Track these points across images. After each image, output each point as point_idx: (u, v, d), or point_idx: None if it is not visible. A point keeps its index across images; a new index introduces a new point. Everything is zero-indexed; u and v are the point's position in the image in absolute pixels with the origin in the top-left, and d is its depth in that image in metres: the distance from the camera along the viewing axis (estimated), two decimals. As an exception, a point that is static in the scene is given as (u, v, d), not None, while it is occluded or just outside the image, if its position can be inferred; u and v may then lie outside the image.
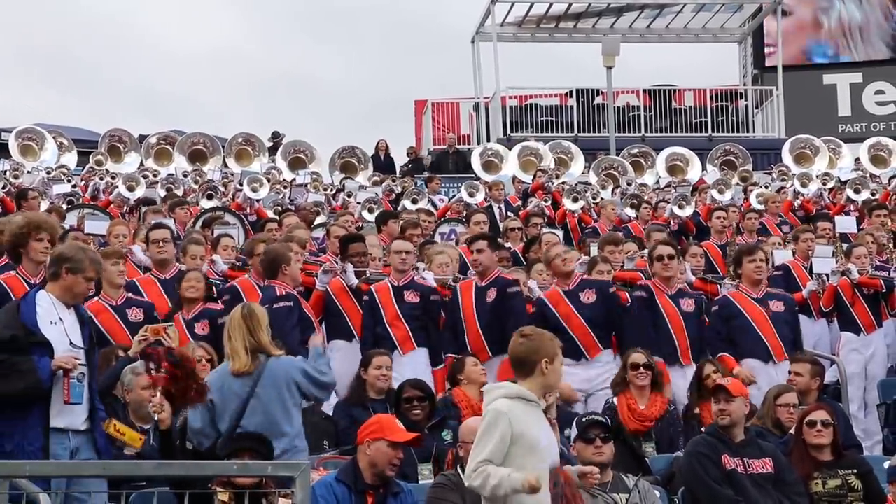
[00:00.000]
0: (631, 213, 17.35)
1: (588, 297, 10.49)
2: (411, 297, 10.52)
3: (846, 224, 14.79)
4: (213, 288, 10.61)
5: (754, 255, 10.78)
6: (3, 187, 17.57)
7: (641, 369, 9.36)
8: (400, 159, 26.58)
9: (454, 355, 10.15)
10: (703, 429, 8.89)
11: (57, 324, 7.04)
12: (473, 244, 10.86)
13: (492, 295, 10.43)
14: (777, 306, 10.58)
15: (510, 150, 23.61)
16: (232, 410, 7.39)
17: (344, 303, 10.88)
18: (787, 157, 23.16)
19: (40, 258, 9.08)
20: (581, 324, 10.34)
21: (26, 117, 26.53)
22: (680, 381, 10.11)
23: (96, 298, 9.67)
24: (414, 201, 18.23)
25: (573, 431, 7.94)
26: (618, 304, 10.61)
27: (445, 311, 10.69)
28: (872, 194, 18.56)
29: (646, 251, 12.95)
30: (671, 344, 10.27)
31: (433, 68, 55.09)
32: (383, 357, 9.40)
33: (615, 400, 9.34)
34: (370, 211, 17.34)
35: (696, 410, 9.43)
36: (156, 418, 6.81)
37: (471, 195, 18.57)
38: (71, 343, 7.06)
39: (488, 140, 27.61)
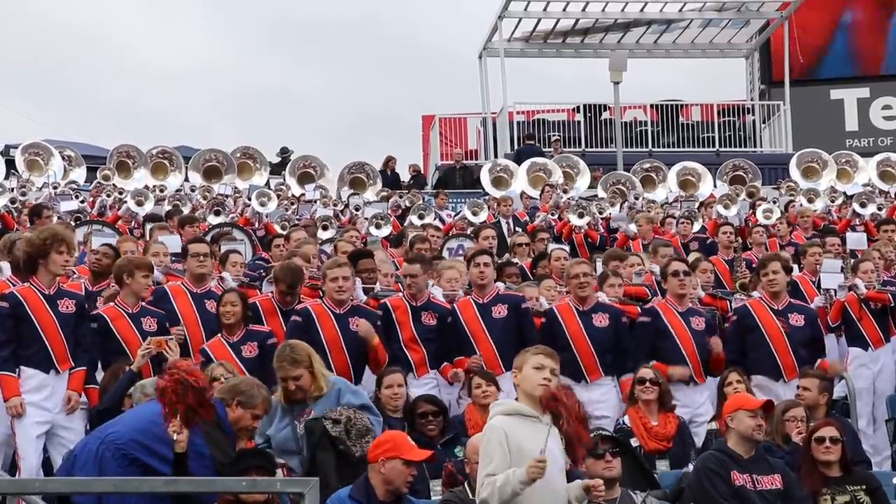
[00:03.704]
0: (636, 228, 17.31)
1: (600, 320, 10.42)
2: (428, 318, 10.42)
3: (857, 240, 14.75)
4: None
5: (766, 266, 10.83)
6: (12, 202, 17.63)
7: (648, 384, 9.32)
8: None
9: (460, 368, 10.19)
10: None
11: None
12: (479, 258, 10.78)
13: (501, 311, 10.40)
14: (797, 320, 10.60)
15: (518, 164, 23.59)
16: None
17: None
18: (794, 172, 23.15)
19: (59, 271, 9.25)
20: (587, 345, 10.30)
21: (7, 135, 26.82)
22: (696, 396, 10.16)
23: (112, 304, 9.75)
24: (421, 216, 18.24)
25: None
26: (627, 330, 10.58)
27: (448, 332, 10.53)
28: (879, 209, 18.54)
29: (655, 266, 13.01)
30: (683, 363, 10.22)
31: (432, 85, 55.34)
32: (395, 375, 9.35)
33: (626, 419, 9.30)
34: (377, 227, 17.36)
35: (717, 425, 9.39)
36: (174, 438, 6.78)
37: (475, 214, 18.55)
38: None
39: (496, 155, 27.66)
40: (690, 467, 8.77)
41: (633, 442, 9.01)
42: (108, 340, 9.49)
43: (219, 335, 9.76)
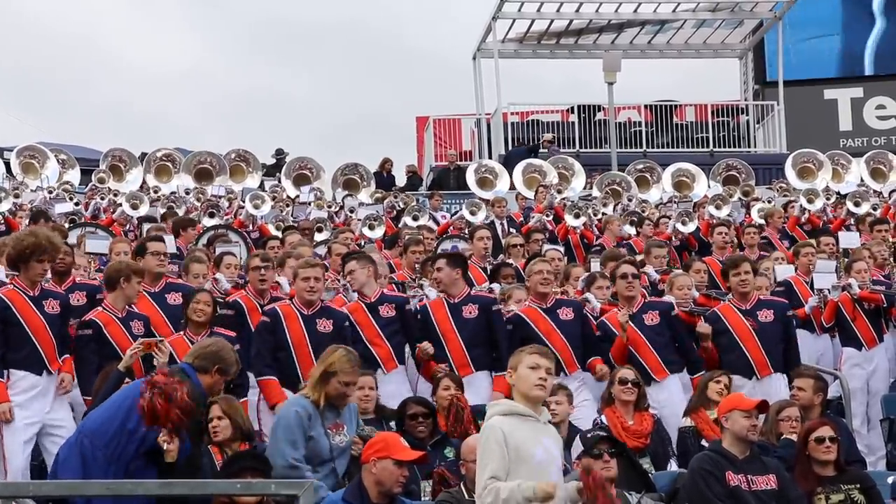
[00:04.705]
0: (631, 229, 17.33)
1: (566, 314, 10.51)
2: (386, 311, 10.36)
3: (850, 239, 14.78)
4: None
5: (738, 268, 10.86)
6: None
7: (629, 384, 9.33)
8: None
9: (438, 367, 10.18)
10: (703, 442, 8.94)
11: None
12: (434, 263, 10.84)
13: (472, 311, 10.40)
14: (766, 316, 10.64)
15: (513, 166, 23.58)
16: None
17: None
18: (789, 172, 23.17)
19: (37, 279, 9.26)
20: (560, 340, 10.33)
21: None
22: (655, 395, 10.09)
23: (101, 309, 9.72)
24: (415, 218, 18.24)
25: (576, 448, 7.93)
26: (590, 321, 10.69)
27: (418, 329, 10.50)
28: (874, 208, 18.55)
29: (647, 268, 13.03)
30: (639, 365, 10.17)
31: (426, 86, 55.42)
32: (366, 377, 9.10)
33: (604, 418, 9.28)
34: (371, 228, 17.36)
35: (690, 421, 9.41)
36: (164, 448, 6.77)
37: (472, 214, 18.55)
38: None
39: (490, 156, 27.67)
40: (673, 465, 8.82)
41: None
42: (102, 346, 9.47)
43: (181, 333, 9.75)
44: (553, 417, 8.42)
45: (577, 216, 17.59)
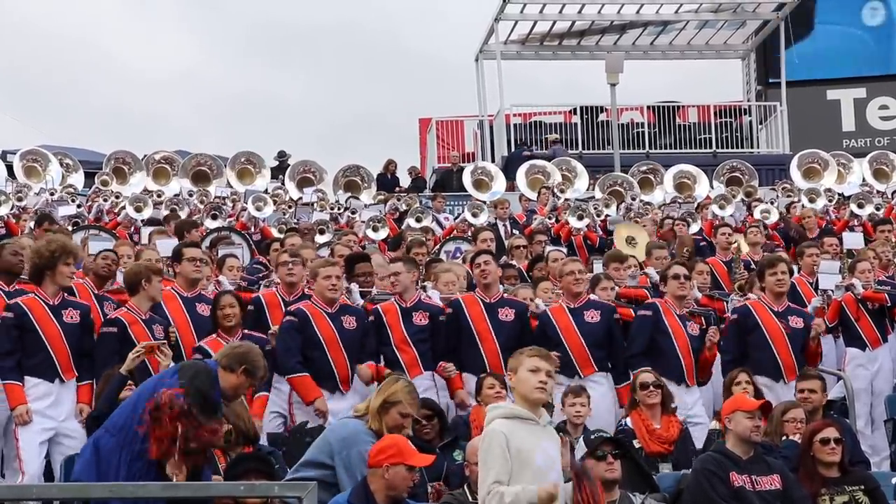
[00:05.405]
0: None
1: (592, 316, 10.51)
2: (420, 318, 10.42)
3: (853, 240, 14.76)
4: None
5: (775, 267, 10.85)
6: (12, 209, 17.66)
7: (651, 388, 9.28)
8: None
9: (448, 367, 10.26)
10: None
11: None
12: (479, 258, 10.88)
13: (509, 314, 10.46)
14: (796, 322, 10.66)
15: (515, 168, 23.57)
16: None
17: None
18: (794, 173, 23.16)
19: (66, 282, 9.30)
20: (577, 339, 10.36)
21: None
22: (686, 398, 10.11)
23: (125, 309, 9.74)
24: (418, 219, 18.24)
25: (580, 449, 7.92)
26: (619, 327, 10.67)
27: (448, 327, 10.51)
28: (877, 209, 18.54)
29: (649, 269, 13.02)
30: (678, 364, 10.24)
31: (429, 88, 55.42)
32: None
33: (628, 421, 9.26)
34: (374, 230, 17.36)
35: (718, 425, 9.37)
36: (174, 480, 6.75)
37: (474, 216, 18.54)
38: None
39: (493, 158, 27.67)
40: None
41: (636, 444, 8.99)
42: (124, 346, 9.45)
43: (214, 335, 9.73)
44: (576, 419, 8.59)
45: (580, 218, 17.57)
